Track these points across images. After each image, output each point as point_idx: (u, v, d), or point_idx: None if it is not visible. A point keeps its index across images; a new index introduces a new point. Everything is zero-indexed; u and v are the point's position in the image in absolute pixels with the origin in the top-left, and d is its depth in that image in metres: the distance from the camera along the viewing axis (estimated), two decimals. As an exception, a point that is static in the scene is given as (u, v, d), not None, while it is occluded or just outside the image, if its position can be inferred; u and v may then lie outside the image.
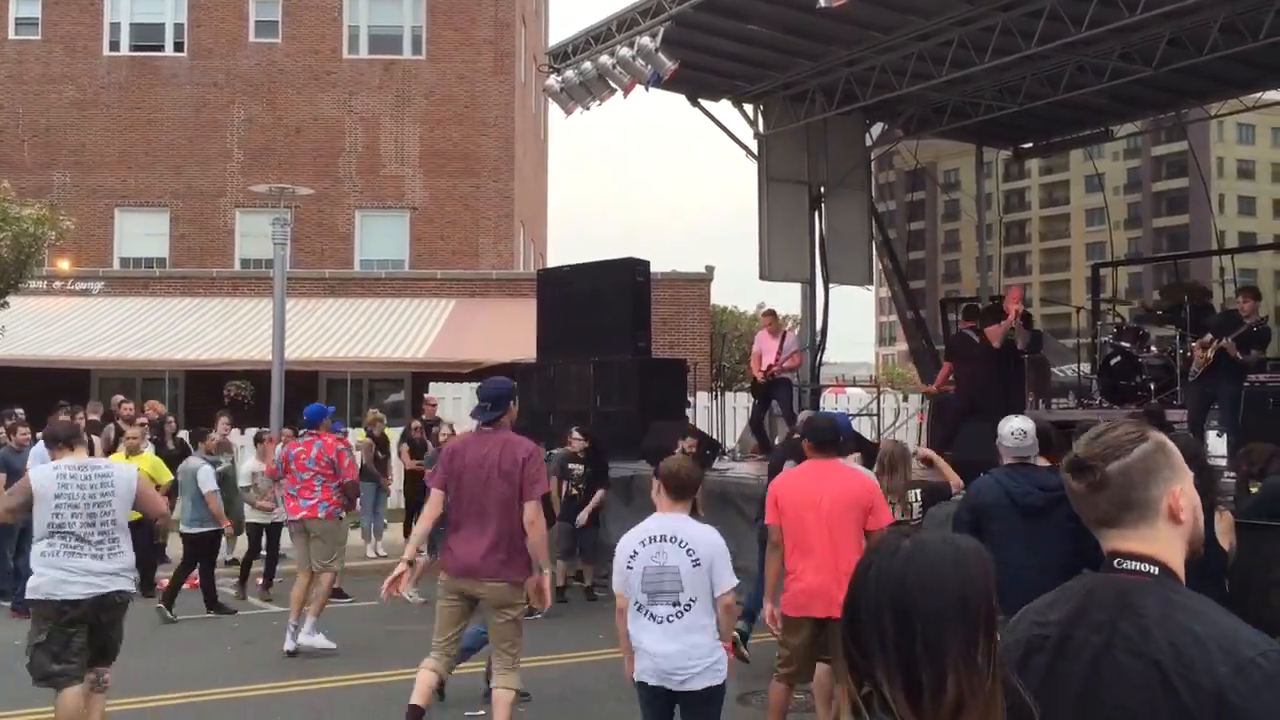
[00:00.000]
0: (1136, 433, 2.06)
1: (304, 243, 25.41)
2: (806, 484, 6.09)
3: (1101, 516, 2.04)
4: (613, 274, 14.88)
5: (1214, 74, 13.86)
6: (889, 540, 1.76)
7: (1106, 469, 2.02)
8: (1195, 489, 2.11)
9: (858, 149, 16.79)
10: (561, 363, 15.17)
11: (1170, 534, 2.02)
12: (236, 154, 26.25)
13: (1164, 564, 2.01)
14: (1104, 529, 2.05)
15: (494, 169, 26.43)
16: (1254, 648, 1.83)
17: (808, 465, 6.29)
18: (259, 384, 18.50)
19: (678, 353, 19.59)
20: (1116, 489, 2.02)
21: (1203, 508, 5.17)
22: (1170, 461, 2.04)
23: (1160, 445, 2.05)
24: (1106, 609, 1.99)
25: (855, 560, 6.05)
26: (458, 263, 25.50)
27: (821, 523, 5.91)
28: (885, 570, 1.69)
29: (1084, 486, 2.05)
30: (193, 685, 8.41)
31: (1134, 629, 1.94)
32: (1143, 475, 2.02)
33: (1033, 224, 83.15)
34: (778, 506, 6.10)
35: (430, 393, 18.20)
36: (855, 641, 1.68)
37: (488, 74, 26.53)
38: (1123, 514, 2.02)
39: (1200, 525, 2.06)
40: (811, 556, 5.92)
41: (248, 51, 26.47)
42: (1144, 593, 1.98)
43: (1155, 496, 2.02)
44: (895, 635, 1.64)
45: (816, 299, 16.51)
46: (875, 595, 1.67)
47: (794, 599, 6.04)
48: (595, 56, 13.52)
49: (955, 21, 12.50)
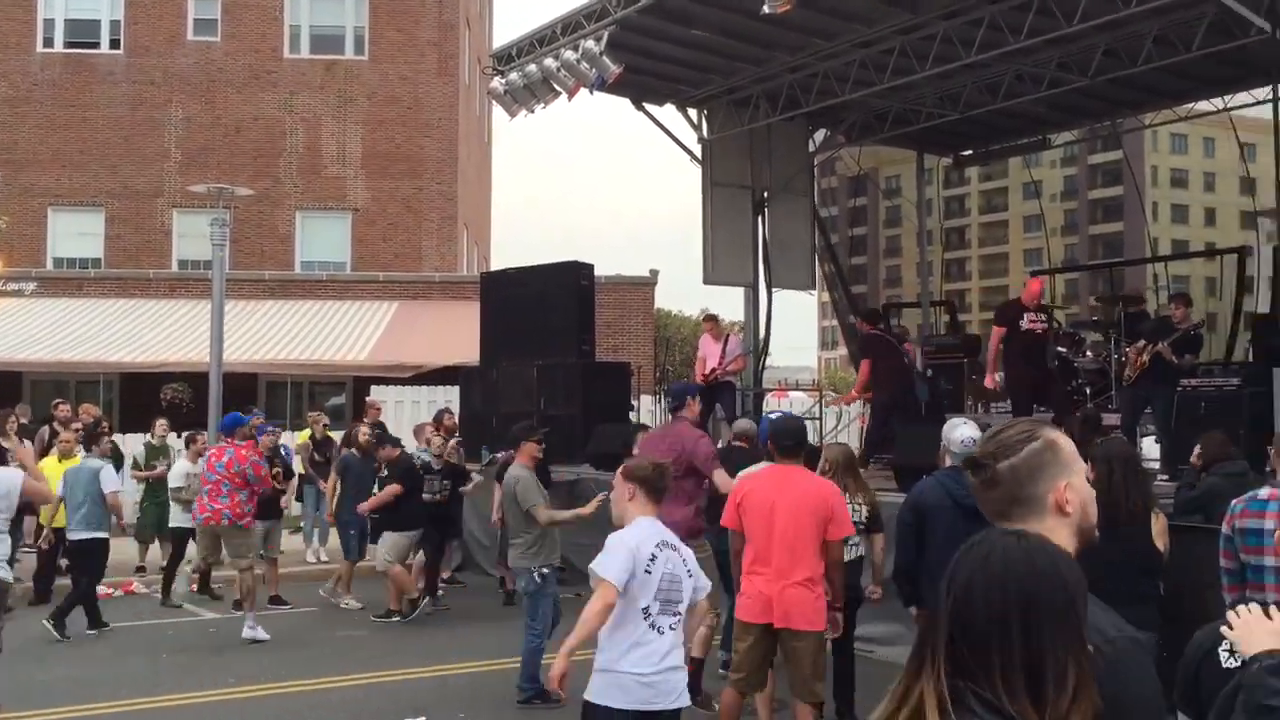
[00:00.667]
0: (1027, 432, 2.20)
1: (244, 244, 25.06)
2: (770, 488, 6.00)
3: (996, 511, 2.19)
4: (557, 277, 14.84)
5: (1148, 85, 14.14)
6: (990, 539, 1.80)
7: (998, 467, 2.17)
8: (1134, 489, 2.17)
9: (801, 155, 16.90)
10: (505, 366, 15.10)
11: (1058, 527, 2.15)
12: (174, 153, 25.83)
13: None
14: (1000, 522, 2.18)
15: (437, 171, 26.26)
16: (1100, 635, 1.93)
17: (773, 469, 6.23)
18: (197, 387, 18.20)
19: (621, 356, 19.59)
20: (1007, 485, 2.16)
21: (1139, 510, 5.25)
22: (1058, 459, 2.18)
23: (1049, 444, 2.18)
24: None
25: (811, 569, 6.04)
26: (400, 265, 25.29)
27: (780, 529, 5.83)
28: (1007, 565, 1.73)
29: (979, 483, 2.20)
30: (122, 693, 8.25)
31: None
32: (1030, 472, 2.16)
33: (972, 230, 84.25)
34: (740, 509, 6.03)
35: (372, 395, 18.02)
36: (969, 639, 1.70)
37: (431, 75, 26.36)
38: (1013, 508, 2.16)
39: (1091, 516, 2.20)
40: (770, 563, 5.84)
41: (186, 50, 26.06)
42: None
43: (1043, 492, 2.15)
44: (1021, 629, 1.69)
45: (760, 303, 16.60)
46: (999, 591, 1.71)
47: (747, 604, 5.95)
48: (540, 59, 13.48)
49: (897, 29, 12.63)
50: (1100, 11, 10.94)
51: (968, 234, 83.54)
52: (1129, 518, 5.04)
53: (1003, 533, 1.82)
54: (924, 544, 5.78)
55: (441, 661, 9.32)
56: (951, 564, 1.78)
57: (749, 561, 5.95)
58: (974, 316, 49.86)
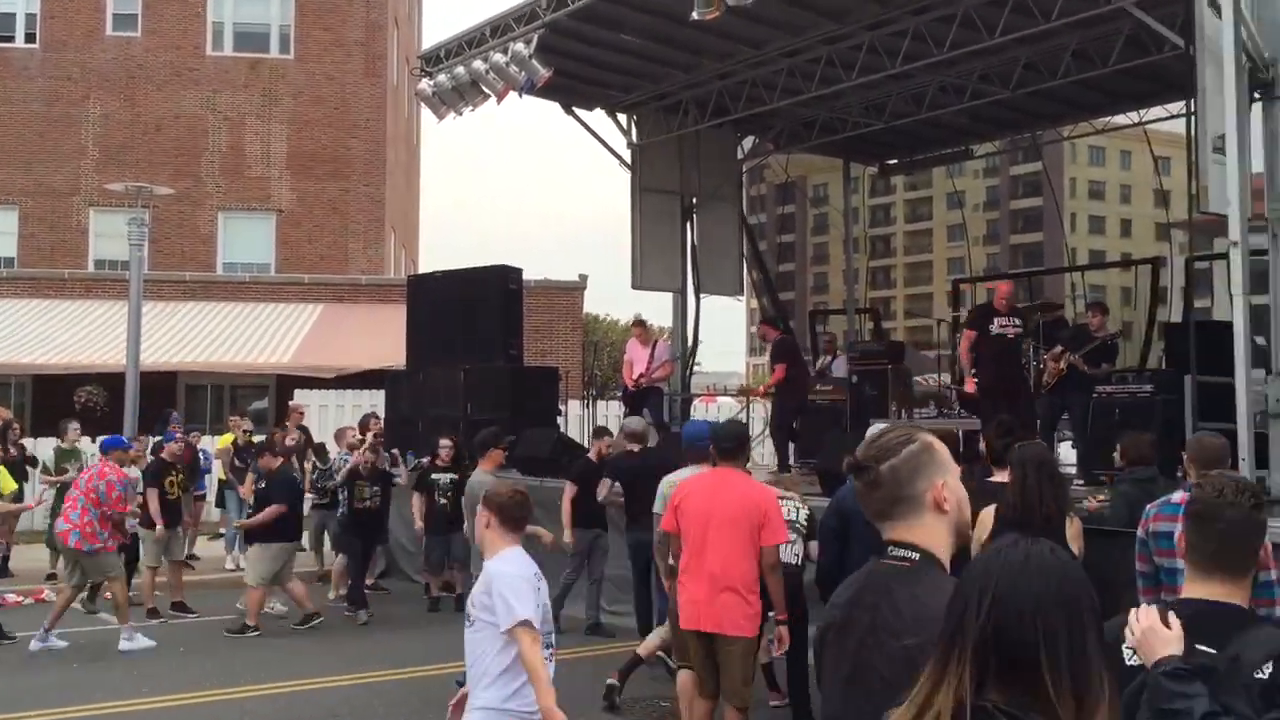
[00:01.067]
0: (906, 435, 2.32)
1: (164, 244, 24.56)
2: (706, 493, 5.96)
3: (878, 511, 2.29)
4: (485, 281, 14.75)
5: (1067, 98, 14.45)
6: (1021, 548, 1.79)
7: (880, 469, 2.26)
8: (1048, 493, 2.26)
9: (729, 161, 17.00)
10: (432, 370, 14.96)
11: (936, 523, 2.27)
12: (92, 151, 25.23)
13: (926, 550, 2.24)
14: (881, 521, 2.29)
15: (364, 172, 25.97)
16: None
17: (710, 473, 6.20)
18: (113, 389, 17.78)
19: (550, 361, 19.53)
20: (889, 486, 2.26)
21: (1054, 513, 5.35)
22: (935, 459, 2.29)
23: (926, 445, 2.29)
24: (874, 592, 2.25)
25: (744, 575, 6.03)
26: (325, 267, 24.96)
27: (714, 535, 5.78)
28: (1047, 575, 1.73)
29: (863, 485, 2.30)
30: (25, 703, 8.02)
31: (890, 611, 2.19)
32: (909, 473, 2.26)
33: (898, 239, 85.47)
34: (678, 512, 5.98)
35: (296, 399, 17.76)
36: (1012, 650, 1.67)
37: (358, 76, 26.06)
38: (893, 508, 2.27)
39: (966, 514, 2.31)
40: (702, 568, 5.80)
41: (104, 45, 25.47)
42: (902, 578, 2.21)
43: (921, 490, 2.26)
44: (1067, 637, 1.69)
45: (688, 309, 16.66)
46: (1050, 600, 1.70)
47: (684, 611, 5.91)
48: (469, 61, 13.39)
49: (824, 39, 12.76)
50: (1021, 25, 11.16)
51: (893, 242, 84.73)
52: (1044, 521, 5.12)
53: (1029, 542, 1.81)
54: (847, 547, 5.82)
55: (365, 669, 9.20)
56: (976, 575, 1.76)
57: (682, 566, 5.91)
58: (899, 324, 50.55)
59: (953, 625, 1.73)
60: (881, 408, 13.40)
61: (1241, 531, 2.67)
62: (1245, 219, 7.52)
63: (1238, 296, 7.45)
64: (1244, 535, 2.67)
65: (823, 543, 6.10)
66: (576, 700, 7.93)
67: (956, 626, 1.72)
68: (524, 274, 15.12)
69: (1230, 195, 7.52)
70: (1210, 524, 2.67)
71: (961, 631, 1.70)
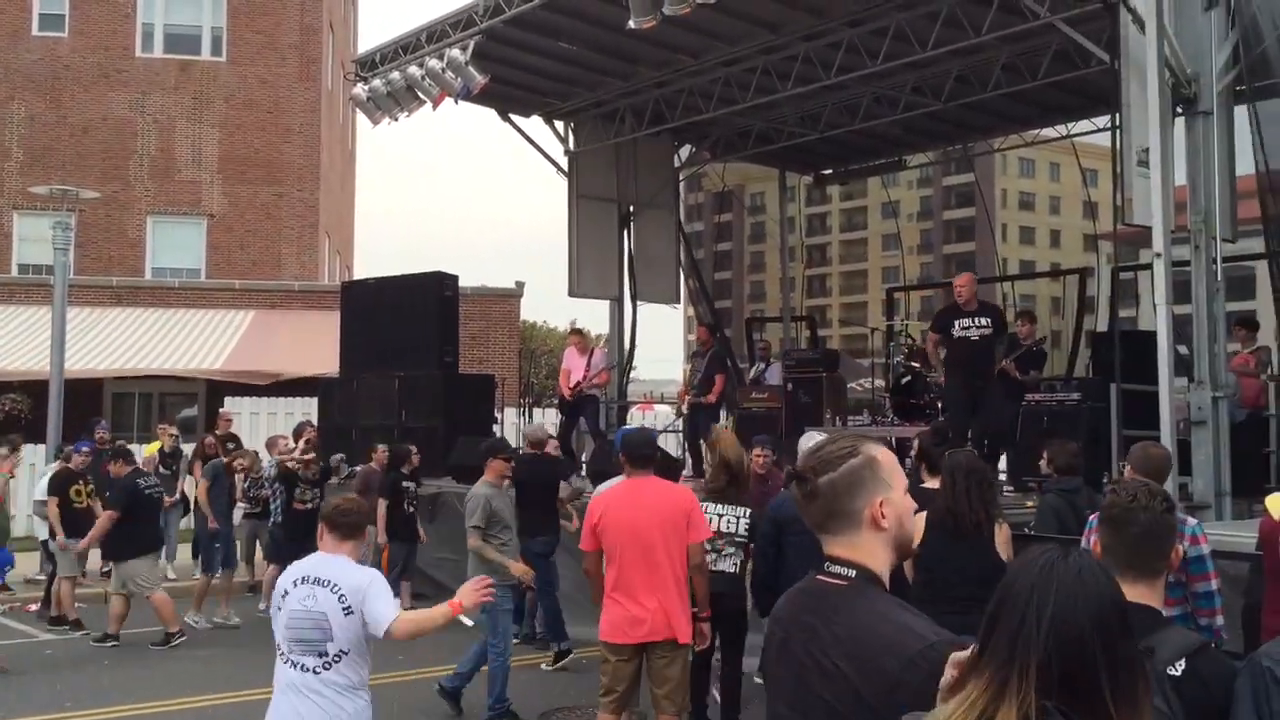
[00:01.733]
0: (849, 448, 2.26)
1: (90, 249, 24.06)
2: (626, 504, 5.88)
3: (815, 523, 2.27)
4: (420, 287, 14.64)
5: (998, 110, 14.72)
6: (1068, 557, 1.77)
7: (818, 481, 2.23)
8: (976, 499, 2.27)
9: (666, 169, 17.06)
10: (366, 377, 14.81)
11: (873, 540, 2.23)
12: (16, 153, 24.63)
13: (863, 567, 2.21)
14: (820, 534, 2.27)
15: (298, 177, 25.64)
16: (920, 639, 2.04)
17: (625, 484, 6.10)
18: (37, 397, 17.36)
19: (486, 368, 19.41)
20: (825, 499, 2.23)
21: (983, 520, 5.41)
22: (876, 475, 2.24)
23: (868, 460, 2.24)
24: (811, 611, 2.22)
25: (678, 580, 5.98)
26: (258, 273, 24.60)
27: (645, 543, 5.71)
28: (1100, 582, 1.73)
29: (801, 495, 2.27)
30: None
31: (827, 631, 2.16)
32: (847, 488, 2.22)
33: (833, 248, 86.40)
34: (595, 531, 5.85)
35: (226, 406, 17.47)
36: (1070, 660, 1.67)
37: (292, 79, 25.74)
38: (830, 521, 2.24)
39: (909, 529, 2.27)
40: (636, 583, 5.71)
41: (30, 45, 24.90)
42: (839, 596, 2.19)
43: (859, 507, 2.22)
44: (1122, 642, 1.69)
45: (625, 316, 16.68)
46: (1106, 608, 1.71)
47: (614, 624, 5.80)
48: (404, 67, 13.29)
49: (759, 49, 12.87)
50: (952, 39, 11.35)
51: (829, 251, 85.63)
52: (973, 528, 5.19)
53: (1076, 555, 1.81)
54: (782, 554, 5.85)
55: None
56: (1025, 590, 1.74)
57: (611, 584, 5.79)
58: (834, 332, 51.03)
59: (1008, 641, 1.71)
60: (816, 415, 13.51)
61: (1155, 534, 2.73)
62: (1168, 231, 7.71)
63: (1161, 306, 7.62)
64: (1157, 538, 2.74)
65: (759, 551, 6.11)
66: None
67: (1014, 643, 1.70)
68: (460, 280, 15.03)
69: (1154, 207, 7.70)
70: (1125, 528, 2.74)
71: (1023, 649, 1.68)
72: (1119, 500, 2.80)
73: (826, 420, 13.56)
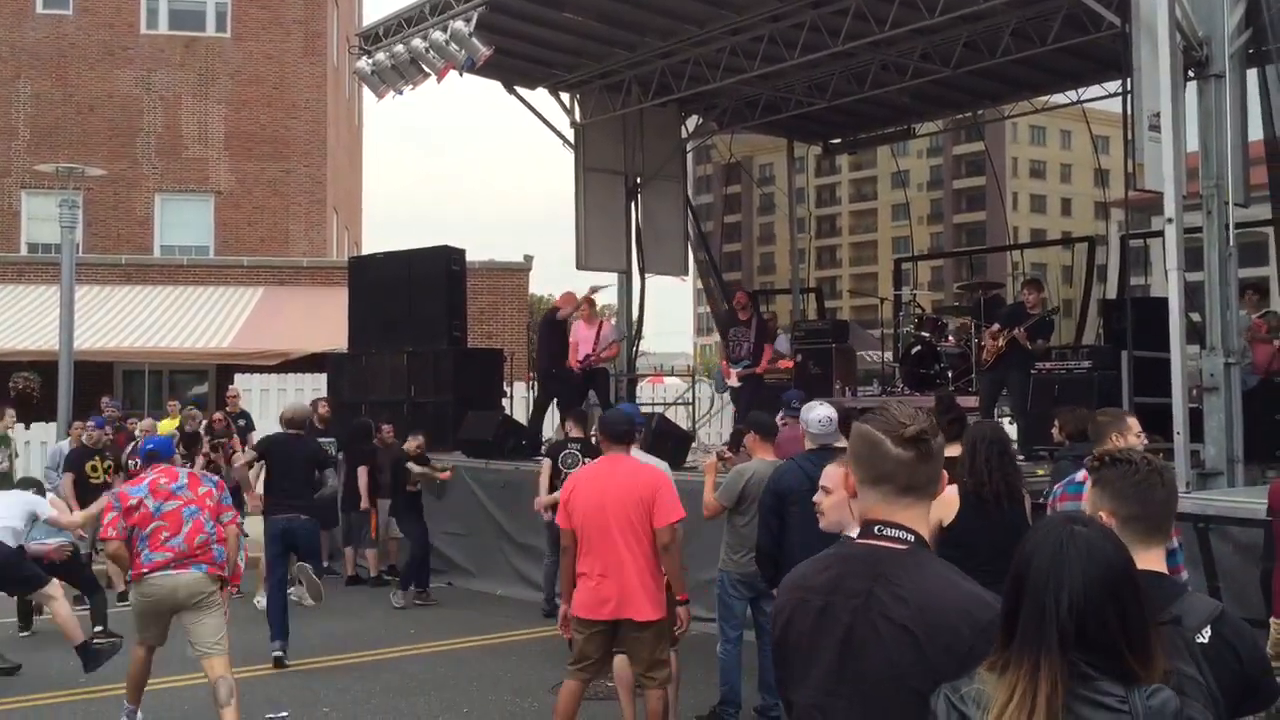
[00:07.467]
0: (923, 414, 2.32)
1: (98, 227, 24.07)
2: (597, 482, 5.85)
3: (911, 484, 2.24)
4: (428, 262, 14.61)
5: (1007, 77, 14.56)
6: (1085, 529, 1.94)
7: (934, 442, 2.25)
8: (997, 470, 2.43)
9: (673, 141, 16.94)
10: (375, 353, 14.82)
11: (928, 509, 2.30)
12: (23, 132, 24.61)
13: (918, 533, 2.25)
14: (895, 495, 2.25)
15: (305, 153, 25.58)
16: (991, 610, 2.06)
17: (600, 462, 6.09)
18: (48, 376, 17.41)
19: (495, 343, 19.40)
20: (936, 462, 2.26)
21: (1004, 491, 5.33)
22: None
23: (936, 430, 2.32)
24: (861, 575, 2.20)
25: (648, 560, 5.96)
26: (266, 249, 24.59)
27: (610, 522, 5.68)
28: (1108, 555, 1.90)
29: (914, 455, 2.23)
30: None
31: (887, 592, 2.16)
32: (940, 453, 2.29)
33: (843, 218, 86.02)
34: (568, 508, 5.84)
35: (236, 384, 17.50)
36: (1094, 629, 1.84)
37: (298, 55, 25.64)
38: (926, 486, 2.27)
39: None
40: (602, 557, 5.69)
41: (35, 23, 24.84)
42: (900, 560, 2.19)
43: (938, 476, 2.30)
44: (1136, 606, 1.87)
45: (633, 289, 16.62)
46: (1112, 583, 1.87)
47: (584, 600, 5.75)
48: (408, 39, 13.19)
49: (766, 17, 12.74)
50: (960, 4, 11.22)
51: (838, 222, 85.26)
52: (995, 498, 5.12)
53: (1075, 523, 1.95)
54: (785, 526, 5.81)
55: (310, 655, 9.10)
56: (1042, 570, 1.88)
57: (582, 561, 5.76)
58: (843, 303, 50.85)
59: (1036, 625, 1.85)
60: (826, 386, 13.47)
61: (1174, 499, 2.74)
62: (1180, 196, 7.62)
63: (1173, 272, 7.55)
64: (1173, 502, 2.74)
65: (761, 523, 6.06)
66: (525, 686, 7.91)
67: (1041, 627, 1.84)
68: (468, 255, 14.99)
69: (1165, 173, 7.61)
70: (1151, 495, 2.68)
71: (1049, 630, 1.84)
72: (1138, 469, 2.68)
73: (836, 391, 13.53)
